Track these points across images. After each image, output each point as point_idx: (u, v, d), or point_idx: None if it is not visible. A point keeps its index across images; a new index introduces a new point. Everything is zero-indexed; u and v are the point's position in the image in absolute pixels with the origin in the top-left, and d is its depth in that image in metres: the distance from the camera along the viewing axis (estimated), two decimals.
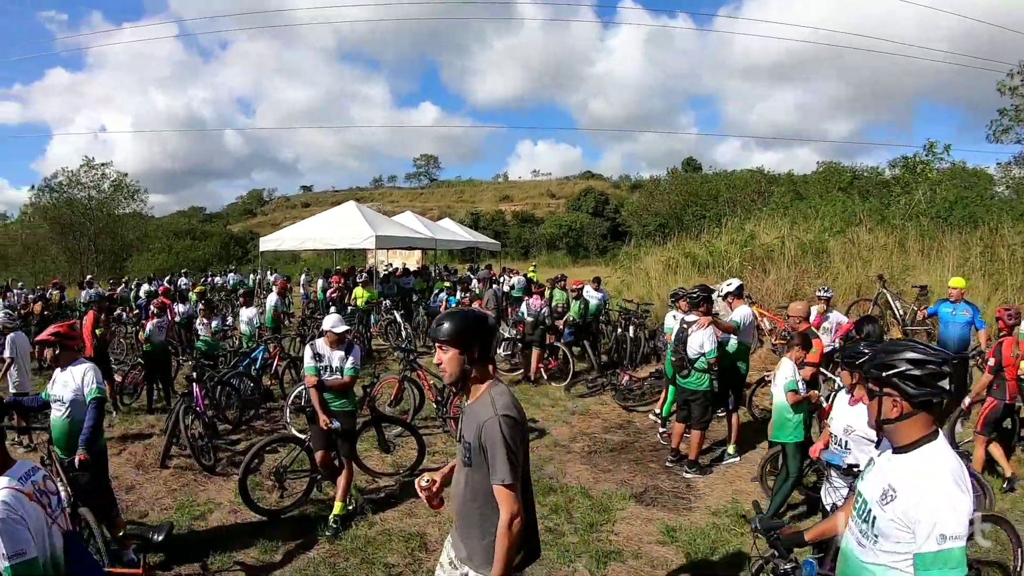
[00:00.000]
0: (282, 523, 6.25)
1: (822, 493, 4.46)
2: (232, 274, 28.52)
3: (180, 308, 13.41)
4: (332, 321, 6.39)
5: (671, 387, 8.34)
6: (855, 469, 3.95)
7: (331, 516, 6.09)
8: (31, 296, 18.82)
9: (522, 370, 12.18)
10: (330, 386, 6.19)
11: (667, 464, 7.71)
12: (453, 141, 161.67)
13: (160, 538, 3.52)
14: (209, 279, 26.79)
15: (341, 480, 6.18)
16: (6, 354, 8.61)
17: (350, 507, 6.34)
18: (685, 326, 7.66)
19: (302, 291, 23.68)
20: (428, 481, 3.04)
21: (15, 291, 20.02)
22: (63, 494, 3.13)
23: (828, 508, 4.25)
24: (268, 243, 20.28)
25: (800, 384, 5.78)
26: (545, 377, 11.88)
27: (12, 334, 8.81)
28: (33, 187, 42.44)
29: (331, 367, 6.24)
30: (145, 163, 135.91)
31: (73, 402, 4.99)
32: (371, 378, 9.28)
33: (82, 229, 40.58)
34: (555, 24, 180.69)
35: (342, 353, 6.28)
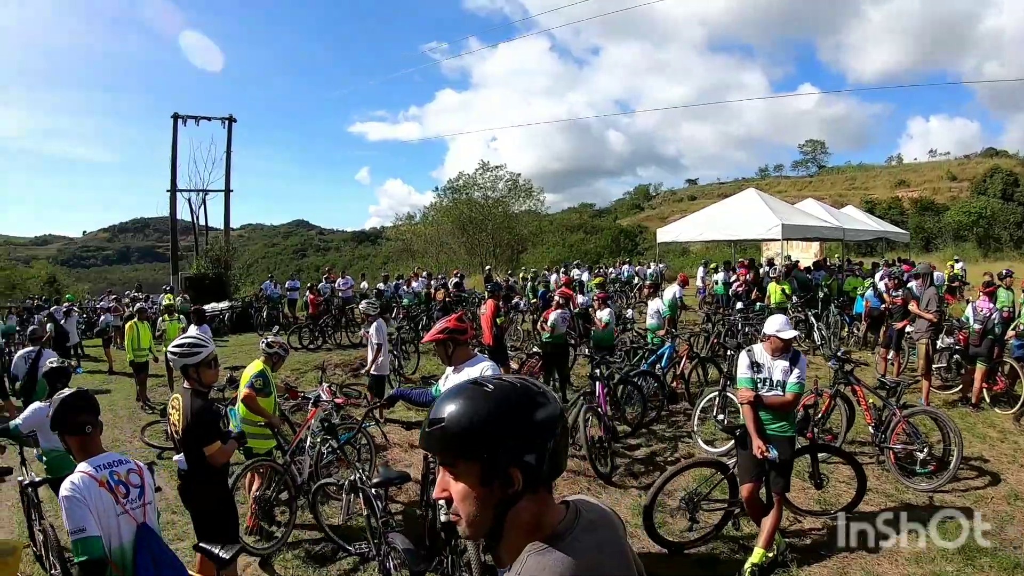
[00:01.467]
0: (684, 560, 5.59)
1: None
2: (627, 266, 29.01)
3: (580, 299, 13.67)
4: (778, 324, 5.39)
5: None
6: None
7: (748, 564, 5.24)
8: (434, 283, 21.07)
9: (959, 388, 10.44)
10: (769, 404, 5.25)
11: None
12: (838, 123, 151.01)
13: (227, 556, 3.67)
14: (603, 271, 27.54)
15: (768, 521, 5.20)
16: (374, 340, 9.48)
17: (769, 554, 5.32)
18: None
19: (699, 284, 23.09)
20: None
21: (420, 279, 22.66)
22: (148, 489, 3.31)
23: None
24: (666, 234, 20.43)
25: None
26: (987, 400, 9.86)
27: (377, 321, 9.68)
28: (436, 189, 49.36)
29: (771, 380, 5.30)
30: (535, 166, 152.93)
31: None
32: (815, 395, 8.02)
33: (481, 225, 46.19)
34: None
35: (786, 364, 5.30)
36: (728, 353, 10.21)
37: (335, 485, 5.96)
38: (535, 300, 17.44)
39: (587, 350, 12.15)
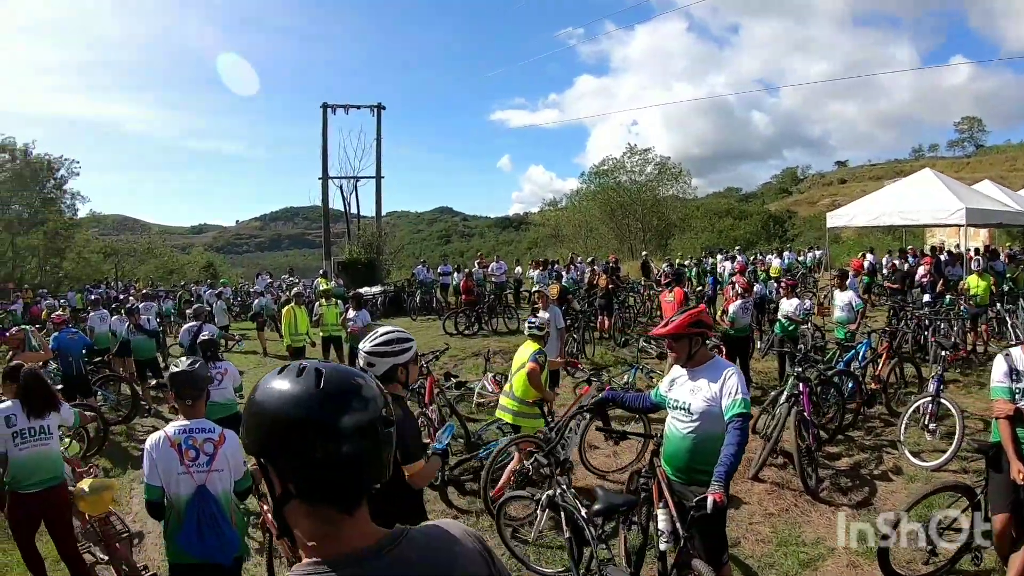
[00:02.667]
0: None
1: None
2: (787, 253, 27.59)
3: (754, 287, 12.96)
4: None
5: None
6: None
7: None
8: (595, 268, 20.59)
9: None
10: None
11: None
12: (994, 98, 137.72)
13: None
14: (758, 258, 26.34)
15: (1018, 558, 4.30)
16: (557, 324, 9.06)
17: None
18: None
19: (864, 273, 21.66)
20: None
21: (576, 265, 22.28)
22: (221, 459, 3.91)
23: None
24: (836, 219, 19.49)
25: None
26: None
27: (552, 306, 9.30)
28: (582, 175, 49.58)
29: None
30: (677, 150, 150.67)
31: (705, 414, 3.98)
32: None
33: (630, 210, 45.99)
34: None
35: None
36: (943, 353, 9.09)
37: (526, 499, 5.40)
38: (701, 288, 16.72)
39: (759, 343, 11.42)
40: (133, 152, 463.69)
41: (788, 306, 10.13)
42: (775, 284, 14.36)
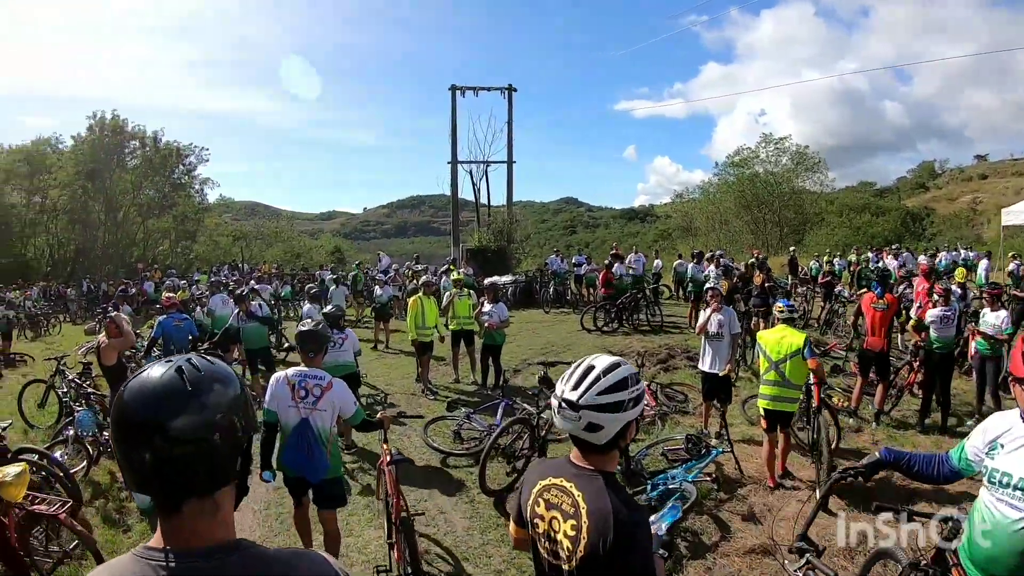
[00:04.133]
0: None
1: None
2: (944, 253, 25.28)
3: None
4: None
5: None
6: None
7: None
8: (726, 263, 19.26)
9: None
10: None
11: None
12: None
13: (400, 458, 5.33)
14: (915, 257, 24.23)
15: None
16: (730, 330, 8.05)
17: None
18: None
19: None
20: None
21: (724, 260, 20.98)
22: (327, 400, 4.77)
23: None
24: (1012, 216, 18.47)
25: None
26: None
27: (727, 308, 8.34)
28: (716, 165, 48.33)
29: None
30: (807, 141, 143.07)
31: None
32: None
33: (766, 202, 44.16)
34: None
35: None
36: None
37: None
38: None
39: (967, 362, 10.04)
40: (266, 143, 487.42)
41: (993, 319, 8.49)
42: (959, 290, 12.74)
